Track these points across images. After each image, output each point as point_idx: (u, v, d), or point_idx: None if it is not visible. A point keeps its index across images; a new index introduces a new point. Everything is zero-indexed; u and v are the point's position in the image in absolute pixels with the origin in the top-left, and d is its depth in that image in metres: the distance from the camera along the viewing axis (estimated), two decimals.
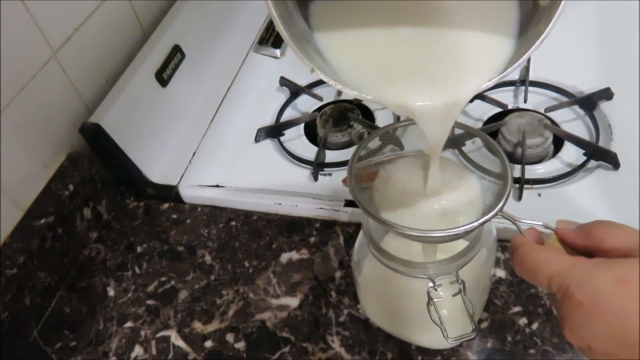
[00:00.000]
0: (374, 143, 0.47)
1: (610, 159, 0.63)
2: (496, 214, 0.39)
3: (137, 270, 0.65)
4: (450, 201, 0.43)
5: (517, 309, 0.54)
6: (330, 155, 0.72)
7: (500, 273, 0.57)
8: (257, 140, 0.75)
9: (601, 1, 0.82)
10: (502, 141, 0.67)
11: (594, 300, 0.30)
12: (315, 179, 0.69)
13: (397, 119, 0.74)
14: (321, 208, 0.65)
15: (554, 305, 0.34)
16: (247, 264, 0.63)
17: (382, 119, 0.75)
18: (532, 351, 0.51)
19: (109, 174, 0.71)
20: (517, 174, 0.63)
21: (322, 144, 0.71)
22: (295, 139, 0.75)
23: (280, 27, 0.33)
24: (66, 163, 0.67)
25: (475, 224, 0.38)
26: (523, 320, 0.53)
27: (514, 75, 0.75)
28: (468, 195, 0.43)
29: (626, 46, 0.76)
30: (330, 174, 0.69)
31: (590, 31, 0.80)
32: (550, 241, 0.37)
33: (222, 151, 0.75)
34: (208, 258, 0.64)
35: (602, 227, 0.34)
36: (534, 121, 0.67)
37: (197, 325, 0.59)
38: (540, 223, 0.39)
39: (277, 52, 0.87)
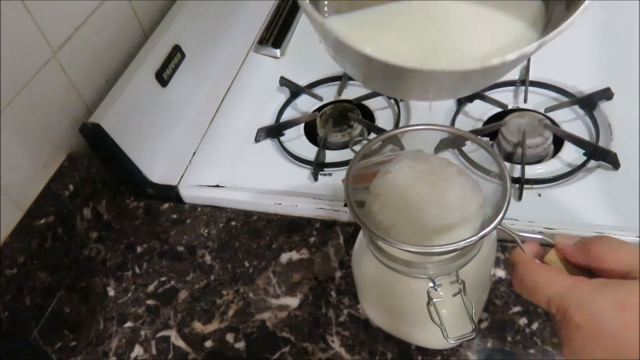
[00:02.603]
0: (374, 144, 0.47)
1: (610, 159, 0.63)
2: (495, 228, 0.39)
3: (137, 270, 0.65)
4: (449, 209, 0.42)
5: (517, 309, 0.54)
6: (330, 155, 0.72)
7: (500, 273, 0.57)
8: (257, 140, 0.75)
9: (601, 1, 0.82)
10: (502, 141, 0.67)
11: (593, 324, 0.30)
12: (315, 179, 0.69)
13: (397, 122, 0.74)
14: (321, 208, 0.65)
15: (554, 326, 0.34)
16: (247, 264, 0.63)
17: (382, 119, 0.75)
18: (532, 351, 0.51)
19: (109, 174, 0.71)
20: (517, 174, 0.63)
21: (322, 144, 0.71)
22: (295, 139, 0.75)
23: None
24: (66, 163, 0.67)
25: (475, 238, 0.38)
26: (523, 320, 0.53)
27: (514, 75, 0.75)
28: (468, 204, 0.43)
29: (626, 46, 0.76)
30: (330, 174, 0.69)
31: (590, 31, 0.79)
32: (550, 256, 0.37)
33: (222, 151, 0.75)
34: (208, 258, 0.64)
35: (602, 245, 0.34)
36: (534, 121, 0.67)
37: (197, 325, 0.59)
38: (540, 236, 0.38)
39: (277, 52, 0.87)
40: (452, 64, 0.33)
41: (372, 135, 0.72)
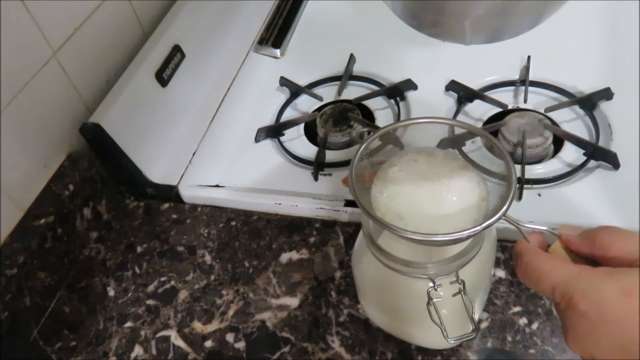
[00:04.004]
0: (374, 143, 0.47)
1: (610, 159, 0.63)
2: (500, 218, 0.38)
3: (137, 270, 0.65)
4: (454, 202, 0.42)
5: (517, 309, 0.54)
6: (330, 155, 0.72)
7: (500, 273, 0.57)
8: (257, 140, 0.75)
9: (602, 1, 0.82)
10: (502, 141, 0.67)
11: (599, 311, 0.30)
12: (315, 179, 0.69)
13: (397, 119, 0.74)
14: (321, 208, 0.65)
15: (557, 315, 0.34)
16: (247, 264, 0.63)
17: (382, 119, 0.75)
18: (532, 351, 0.51)
19: (109, 174, 0.71)
20: (517, 174, 0.63)
21: (322, 144, 0.71)
22: (295, 139, 0.75)
23: None
24: (66, 163, 0.67)
25: (479, 228, 0.38)
26: (523, 320, 0.53)
27: (514, 75, 0.75)
28: (472, 197, 0.42)
29: (626, 46, 0.76)
30: (330, 174, 0.69)
31: (590, 31, 0.79)
32: (554, 247, 0.37)
33: (222, 151, 0.75)
34: (208, 258, 0.64)
35: (607, 235, 0.34)
36: (534, 121, 0.67)
37: (197, 325, 0.59)
38: (544, 228, 0.38)
39: (277, 52, 0.87)
40: None
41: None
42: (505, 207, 0.38)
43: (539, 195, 0.62)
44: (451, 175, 0.44)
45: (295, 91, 0.80)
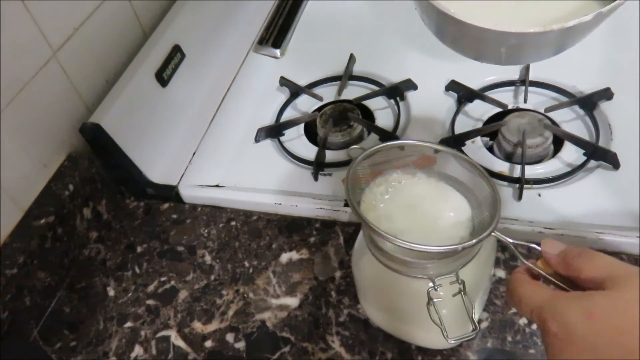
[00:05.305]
0: (371, 154, 0.47)
1: (610, 159, 0.63)
2: (479, 242, 0.40)
3: (137, 270, 0.65)
4: (439, 220, 0.44)
5: None
6: (330, 155, 0.72)
7: (500, 273, 0.57)
8: (257, 140, 0.75)
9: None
10: (502, 141, 0.67)
11: (566, 332, 0.33)
12: (315, 179, 0.69)
13: (397, 122, 0.74)
14: (321, 208, 0.65)
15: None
16: (247, 264, 0.63)
17: (382, 119, 0.75)
18: (532, 351, 0.51)
19: (109, 174, 0.71)
20: (517, 173, 0.63)
21: (322, 144, 0.71)
22: (295, 139, 0.75)
23: None
24: (66, 163, 0.67)
25: (467, 244, 0.40)
26: (523, 320, 0.53)
27: (514, 74, 0.75)
28: (457, 216, 0.45)
29: (626, 46, 0.76)
30: (330, 174, 0.69)
31: None
32: (540, 264, 0.39)
33: (222, 151, 0.75)
34: (208, 258, 0.64)
35: (578, 259, 0.36)
36: (534, 121, 0.67)
37: (197, 325, 0.59)
38: (532, 245, 0.40)
39: (277, 52, 0.87)
40: (516, 27, 0.41)
41: (372, 136, 0.73)
42: (490, 229, 0.40)
43: (539, 195, 0.62)
44: (436, 196, 0.46)
45: (295, 91, 0.80)
